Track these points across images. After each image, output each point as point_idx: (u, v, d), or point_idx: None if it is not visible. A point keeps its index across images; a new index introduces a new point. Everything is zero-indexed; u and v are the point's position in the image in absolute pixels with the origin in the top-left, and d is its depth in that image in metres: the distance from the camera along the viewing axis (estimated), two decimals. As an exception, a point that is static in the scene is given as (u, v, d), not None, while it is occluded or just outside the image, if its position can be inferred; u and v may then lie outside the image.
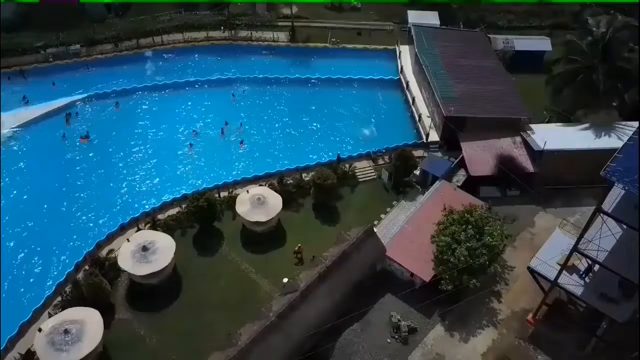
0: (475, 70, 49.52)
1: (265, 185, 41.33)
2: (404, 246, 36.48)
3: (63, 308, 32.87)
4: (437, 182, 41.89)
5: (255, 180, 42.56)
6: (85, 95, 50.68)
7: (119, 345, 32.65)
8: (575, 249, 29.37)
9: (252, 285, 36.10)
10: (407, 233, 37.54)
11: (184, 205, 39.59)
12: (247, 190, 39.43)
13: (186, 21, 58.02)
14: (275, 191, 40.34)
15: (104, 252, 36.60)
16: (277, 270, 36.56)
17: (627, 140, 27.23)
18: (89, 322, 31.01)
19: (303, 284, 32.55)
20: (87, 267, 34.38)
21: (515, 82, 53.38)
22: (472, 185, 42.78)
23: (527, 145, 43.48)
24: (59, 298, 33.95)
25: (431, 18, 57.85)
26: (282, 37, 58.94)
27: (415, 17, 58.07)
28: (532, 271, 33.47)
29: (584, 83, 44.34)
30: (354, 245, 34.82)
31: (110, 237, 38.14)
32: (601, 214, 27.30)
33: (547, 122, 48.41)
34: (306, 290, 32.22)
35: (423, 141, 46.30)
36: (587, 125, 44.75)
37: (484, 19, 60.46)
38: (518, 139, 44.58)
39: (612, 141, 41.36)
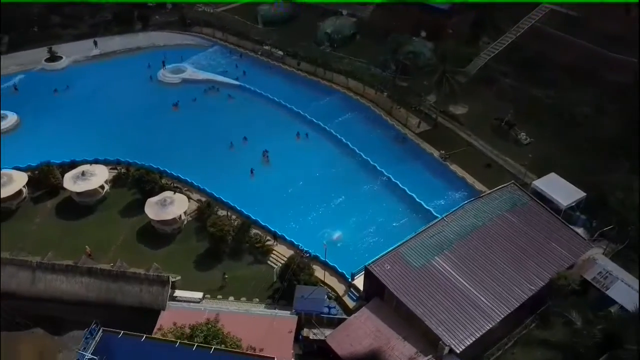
0: (497, 267, 36.26)
1: (204, 202, 44.38)
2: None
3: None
4: (289, 313, 35.46)
5: (207, 193, 46.23)
6: (236, 83, 62.83)
7: (23, 213, 45.13)
8: None
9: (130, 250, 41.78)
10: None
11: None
12: (175, 192, 43.97)
13: (353, 70, 61.22)
14: (203, 213, 43.24)
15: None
16: (139, 257, 40.54)
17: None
18: (15, 180, 44.61)
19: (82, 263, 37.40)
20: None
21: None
22: (327, 353, 34.21)
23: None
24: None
25: (562, 192, 42.65)
26: (415, 125, 54.98)
27: (545, 182, 44.05)
28: None
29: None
30: (133, 274, 36.11)
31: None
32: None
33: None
34: (71, 267, 36.68)
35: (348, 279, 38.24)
36: None
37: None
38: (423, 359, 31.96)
39: None
